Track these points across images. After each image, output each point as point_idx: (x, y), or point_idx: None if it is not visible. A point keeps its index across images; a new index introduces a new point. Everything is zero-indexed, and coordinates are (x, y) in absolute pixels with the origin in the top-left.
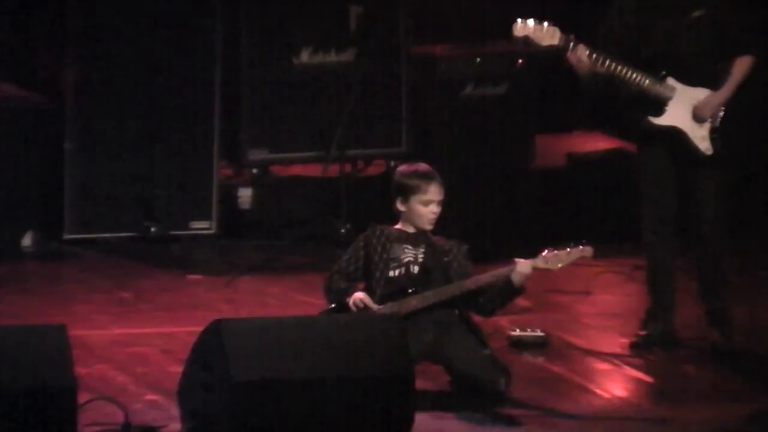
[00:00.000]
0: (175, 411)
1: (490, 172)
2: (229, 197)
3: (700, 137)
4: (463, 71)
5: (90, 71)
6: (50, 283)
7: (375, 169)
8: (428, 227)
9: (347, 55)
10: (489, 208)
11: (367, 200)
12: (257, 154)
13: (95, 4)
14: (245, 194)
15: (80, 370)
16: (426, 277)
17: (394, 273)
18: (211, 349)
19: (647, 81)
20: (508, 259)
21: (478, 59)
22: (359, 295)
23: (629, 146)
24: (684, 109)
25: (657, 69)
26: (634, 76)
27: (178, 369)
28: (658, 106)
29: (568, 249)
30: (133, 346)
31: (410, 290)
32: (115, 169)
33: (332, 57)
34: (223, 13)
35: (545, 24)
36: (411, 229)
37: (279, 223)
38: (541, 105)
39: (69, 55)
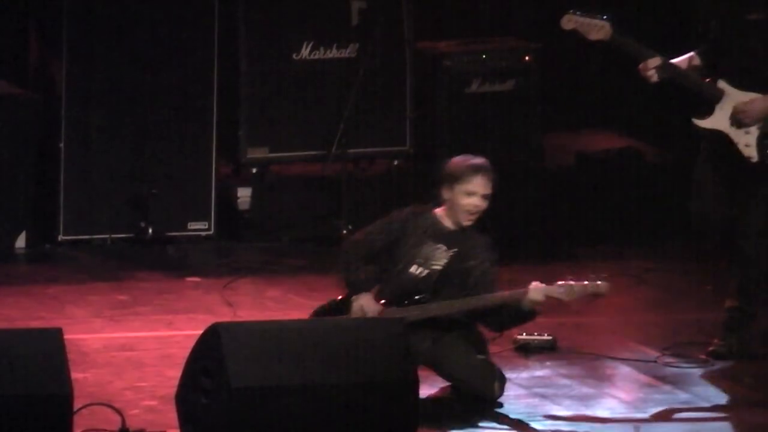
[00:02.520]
0: (173, 416)
1: (497, 171)
2: (227, 197)
3: (744, 143)
4: (469, 67)
5: (85, 69)
6: (45, 285)
7: (378, 168)
8: (466, 222)
9: (349, 51)
10: (495, 207)
11: (369, 201)
12: (257, 153)
13: (91, 0)
14: (244, 194)
15: (76, 374)
16: (442, 286)
17: (415, 270)
18: (210, 353)
19: (696, 82)
20: (514, 260)
21: (485, 55)
22: (364, 303)
23: (639, 145)
24: (729, 113)
25: (714, 69)
26: (684, 77)
27: (176, 373)
28: (708, 107)
29: (586, 282)
30: (131, 350)
31: (417, 297)
32: (111, 168)
33: (333, 53)
34: (222, 8)
35: (595, 18)
36: (450, 224)
37: (279, 223)
38: (549, 102)
39: (64, 52)
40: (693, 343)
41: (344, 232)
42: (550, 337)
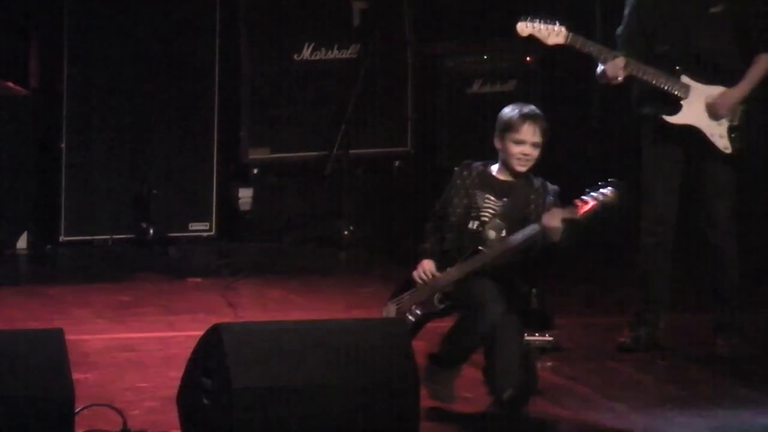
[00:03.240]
0: (174, 417)
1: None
2: (228, 198)
3: (718, 135)
4: (470, 68)
5: (86, 69)
6: (46, 286)
7: (379, 169)
8: (519, 168)
9: (350, 52)
10: None
11: (370, 201)
12: (258, 154)
13: (92, 1)
14: (245, 195)
15: (77, 375)
16: (495, 237)
17: (472, 225)
18: (211, 354)
19: (661, 79)
20: None
21: (486, 56)
22: (424, 267)
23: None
24: (700, 107)
25: (672, 66)
26: (649, 74)
27: (178, 374)
28: (673, 103)
29: (598, 196)
30: (132, 350)
31: (479, 248)
32: (112, 169)
33: (335, 53)
34: (223, 8)
35: (549, 23)
36: (502, 174)
37: (280, 224)
38: (550, 103)
39: (65, 52)
40: (695, 342)
41: (345, 233)
42: (551, 338)
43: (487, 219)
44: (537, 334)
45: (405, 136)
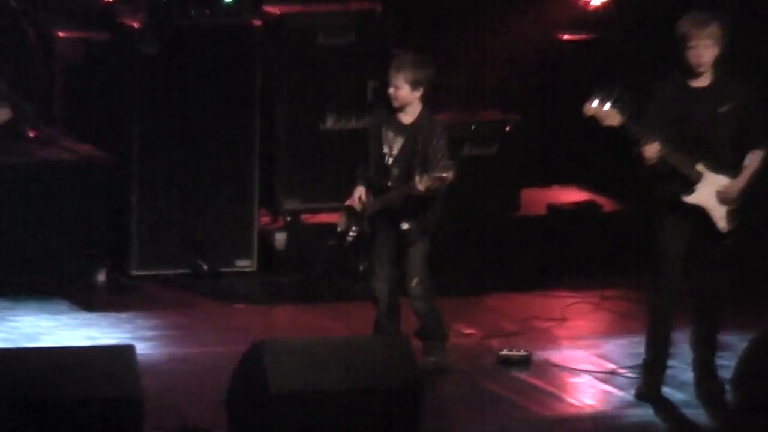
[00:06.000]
0: (222, 418)
1: (482, 219)
2: (267, 239)
3: (719, 216)
4: (461, 134)
5: (151, 128)
6: (120, 311)
7: None
8: (396, 106)
9: (365, 122)
10: (480, 249)
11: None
12: (291, 204)
13: (155, 64)
14: (280, 237)
15: (146, 382)
16: (398, 173)
17: (384, 161)
18: (253, 365)
19: (683, 164)
20: (496, 288)
21: (473, 125)
22: (355, 193)
23: (598, 199)
24: (710, 191)
25: (690, 154)
26: (676, 160)
27: (226, 382)
28: (688, 184)
29: (438, 175)
30: (189, 362)
31: (389, 184)
32: (173, 215)
33: (353, 123)
34: (263, 84)
35: (609, 106)
36: (400, 114)
37: (309, 261)
38: (525, 163)
39: (133, 113)
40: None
41: (361, 267)
42: (526, 353)
43: (387, 153)
44: (514, 350)
45: None
